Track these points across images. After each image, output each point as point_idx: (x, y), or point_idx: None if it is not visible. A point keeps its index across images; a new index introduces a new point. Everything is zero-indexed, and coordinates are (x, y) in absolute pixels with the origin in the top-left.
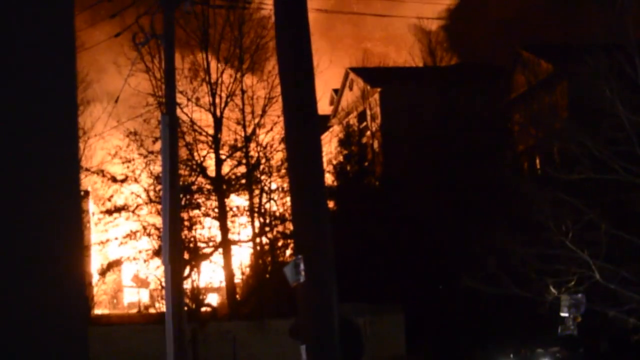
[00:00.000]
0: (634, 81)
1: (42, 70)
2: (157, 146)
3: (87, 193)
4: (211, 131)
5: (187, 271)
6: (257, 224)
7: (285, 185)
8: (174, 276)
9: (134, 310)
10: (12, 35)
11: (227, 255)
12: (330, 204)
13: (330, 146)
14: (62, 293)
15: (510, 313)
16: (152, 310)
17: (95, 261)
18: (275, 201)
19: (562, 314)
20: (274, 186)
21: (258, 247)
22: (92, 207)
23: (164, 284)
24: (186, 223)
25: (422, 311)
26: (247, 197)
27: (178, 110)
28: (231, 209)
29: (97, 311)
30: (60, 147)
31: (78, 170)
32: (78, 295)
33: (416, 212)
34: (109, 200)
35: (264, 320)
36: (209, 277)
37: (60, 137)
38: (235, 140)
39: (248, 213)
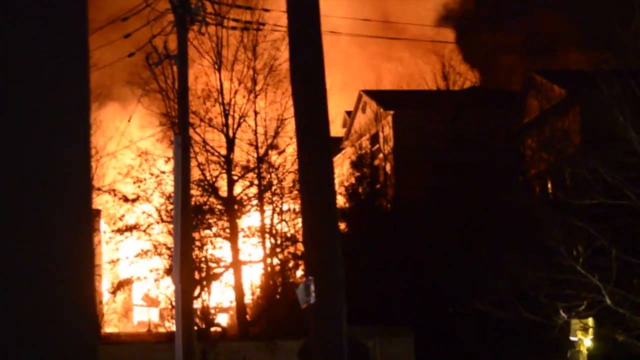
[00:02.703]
0: None
1: (54, 89)
2: (169, 166)
3: (98, 212)
4: (223, 152)
5: (197, 291)
6: (268, 244)
7: (297, 206)
8: (184, 296)
9: (144, 329)
10: (25, 53)
11: (237, 276)
12: (342, 226)
13: (342, 168)
14: (73, 311)
15: (521, 337)
16: (161, 330)
17: (106, 280)
18: (286, 222)
19: (572, 338)
20: (285, 207)
21: (269, 268)
22: (104, 226)
23: (174, 303)
24: (197, 243)
25: (432, 334)
26: (258, 218)
27: (191, 131)
28: (242, 229)
29: (107, 330)
30: (72, 165)
31: (90, 188)
32: (89, 314)
33: (427, 235)
34: (121, 219)
35: (274, 340)
36: (219, 297)
37: (72, 156)
38: (248, 161)
39: (259, 234)
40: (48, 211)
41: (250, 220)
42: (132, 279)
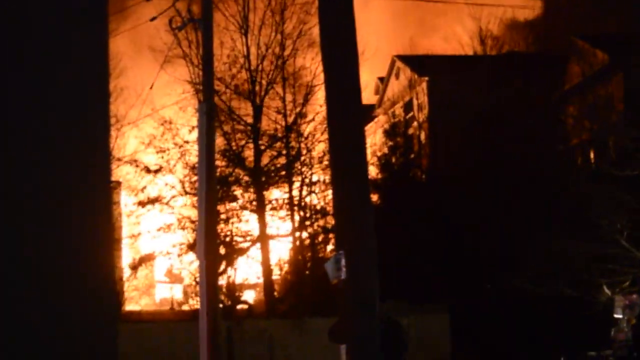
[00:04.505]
0: None
1: (71, 56)
2: (194, 135)
3: (118, 184)
4: (250, 120)
5: (222, 266)
6: (297, 217)
7: (327, 177)
8: (209, 272)
9: (167, 307)
10: (41, 22)
11: (264, 250)
12: (374, 198)
13: (374, 137)
14: (91, 288)
15: (561, 313)
16: (185, 307)
17: (127, 255)
18: (316, 194)
19: (616, 316)
20: (315, 178)
21: (297, 242)
22: (124, 199)
23: (198, 279)
24: (222, 216)
25: (468, 311)
26: (286, 189)
27: (216, 98)
28: (270, 202)
29: (128, 307)
30: (90, 135)
31: (109, 159)
32: (108, 291)
33: (463, 208)
34: (142, 191)
35: (303, 318)
36: (245, 273)
37: (90, 125)
38: (276, 130)
39: (287, 206)
40: (64, 184)
41: (278, 192)
42: (154, 254)
